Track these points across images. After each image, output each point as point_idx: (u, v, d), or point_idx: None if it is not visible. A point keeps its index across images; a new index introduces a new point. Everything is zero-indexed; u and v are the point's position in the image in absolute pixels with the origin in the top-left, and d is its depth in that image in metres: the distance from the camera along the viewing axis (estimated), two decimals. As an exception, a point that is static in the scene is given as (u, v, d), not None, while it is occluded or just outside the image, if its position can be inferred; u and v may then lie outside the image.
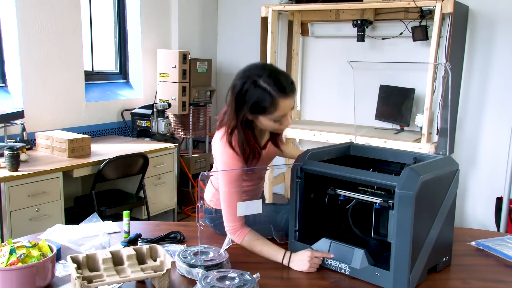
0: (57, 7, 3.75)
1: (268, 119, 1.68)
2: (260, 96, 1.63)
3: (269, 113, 1.66)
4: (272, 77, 1.63)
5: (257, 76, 1.64)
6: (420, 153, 1.81)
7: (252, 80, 1.64)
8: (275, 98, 1.63)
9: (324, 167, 1.65)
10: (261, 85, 1.63)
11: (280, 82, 1.63)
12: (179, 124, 4.59)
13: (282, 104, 1.64)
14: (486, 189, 3.97)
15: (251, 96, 1.64)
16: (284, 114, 1.68)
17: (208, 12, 5.17)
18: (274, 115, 1.66)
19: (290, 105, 1.67)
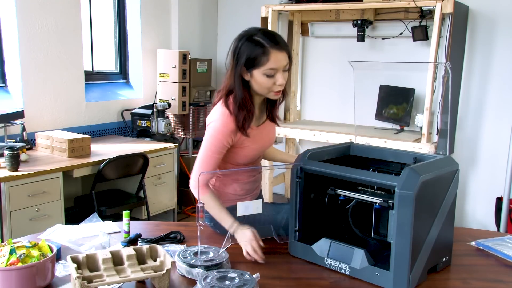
0: (57, 7, 3.75)
1: (261, 74, 1.71)
2: (253, 48, 1.70)
3: (262, 65, 1.70)
4: (266, 34, 1.73)
5: (253, 33, 1.73)
6: (420, 153, 1.81)
7: (247, 36, 1.73)
8: (267, 48, 1.69)
9: (324, 167, 1.65)
10: (255, 39, 1.71)
11: (273, 37, 1.72)
12: (179, 124, 4.59)
13: (273, 55, 1.69)
14: (486, 189, 3.97)
15: (245, 49, 1.72)
16: (277, 68, 1.71)
17: (208, 12, 5.17)
18: (266, 67, 1.70)
19: (282, 60, 1.71)
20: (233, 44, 1.77)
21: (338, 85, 4.64)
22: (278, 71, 1.72)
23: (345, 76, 4.58)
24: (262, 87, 1.75)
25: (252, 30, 1.75)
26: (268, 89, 1.76)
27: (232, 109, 1.77)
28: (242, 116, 1.77)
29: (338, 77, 4.63)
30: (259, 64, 1.71)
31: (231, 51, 1.77)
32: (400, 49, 4.23)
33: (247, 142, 1.83)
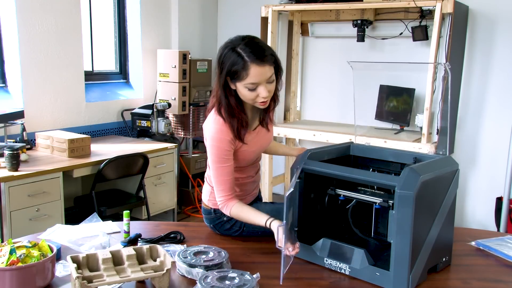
0: (57, 7, 3.75)
1: (243, 86, 1.70)
2: (234, 60, 1.67)
3: (242, 79, 1.68)
4: (248, 45, 1.68)
5: (237, 44, 1.70)
6: (420, 153, 1.81)
7: (231, 46, 1.70)
8: (247, 62, 1.65)
9: (324, 167, 1.65)
10: (237, 50, 1.68)
11: (255, 49, 1.67)
12: (179, 124, 4.59)
13: (253, 70, 1.65)
14: (486, 189, 3.97)
15: (227, 61, 1.69)
16: (257, 83, 1.68)
17: (208, 12, 5.17)
18: (246, 81, 1.68)
19: (262, 74, 1.67)
20: (218, 53, 1.75)
21: (338, 85, 4.64)
22: (260, 85, 1.69)
23: (345, 76, 4.58)
24: (246, 99, 1.74)
25: (236, 40, 1.72)
26: (252, 101, 1.74)
27: (225, 117, 1.76)
28: (236, 124, 1.76)
29: (338, 77, 4.63)
30: (239, 78, 1.68)
31: (216, 59, 1.76)
32: (400, 49, 4.23)
33: (244, 146, 1.83)
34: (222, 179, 1.77)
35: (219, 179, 1.78)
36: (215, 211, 1.92)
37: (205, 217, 1.98)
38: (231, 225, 1.91)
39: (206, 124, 1.83)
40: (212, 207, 1.93)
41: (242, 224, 1.89)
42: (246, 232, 1.90)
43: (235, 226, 1.90)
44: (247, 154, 1.86)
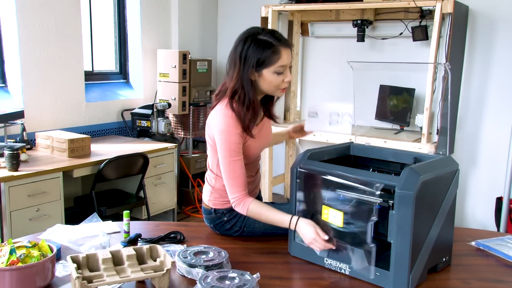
0: (57, 7, 3.75)
1: (271, 72, 1.73)
2: (262, 47, 1.71)
3: (273, 63, 1.72)
4: (270, 32, 1.75)
5: (256, 33, 1.74)
6: (420, 153, 1.81)
7: (252, 37, 1.73)
8: (277, 46, 1.71)
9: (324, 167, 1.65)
10: (262, 38, 1.72)
11: (278, 35, 1.75)
12: (179, 124, 4.59)
13: (283, 52, 1.72)
14: (486, 189, 3.97)
15: (253, 50, 1.72)
16: (286, 65, 1.74)
17: (208, 12, 5.17)
18: (277, 64, 1.72)
19: (289, 57, 1.75)
20: (239, 47, 1.75)
21: (338, 85, 4.64)
22: (287, 68, 1.76)
23: (345, 76, 4.58)
24: (271, 85, 1.77)
25: (255, 30, 1.76)
26: (277, 87, 1.78)
27: (238, 111, 1.76)
28: (248, 117, 1.76)
29: (338, 77, 4.63)
30: (270, 63, 1.72)
31: (237, 54, 1.75)
32: (400, 49, 4.23)
33: (250, 140, 1.83)
34: (235, 174, 1.75)
35: (232, 174, 1.75)
36: (216, 211, 1.92)
37: (206, 217, 1.97)
38: (231, 225, 1.91)
39: (213, 119, 1.80)
40: (213, 207, 1.93)
41: (242, 224, 1.89)
42: (246, 232, 1.90)
43: (235, 226, 1.90)
44: (252, 149, 1.85)
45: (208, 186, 1.95)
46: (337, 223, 1.56)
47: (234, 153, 1.75)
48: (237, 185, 1.75)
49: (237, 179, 1.75)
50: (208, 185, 1.95)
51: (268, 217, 1.73)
